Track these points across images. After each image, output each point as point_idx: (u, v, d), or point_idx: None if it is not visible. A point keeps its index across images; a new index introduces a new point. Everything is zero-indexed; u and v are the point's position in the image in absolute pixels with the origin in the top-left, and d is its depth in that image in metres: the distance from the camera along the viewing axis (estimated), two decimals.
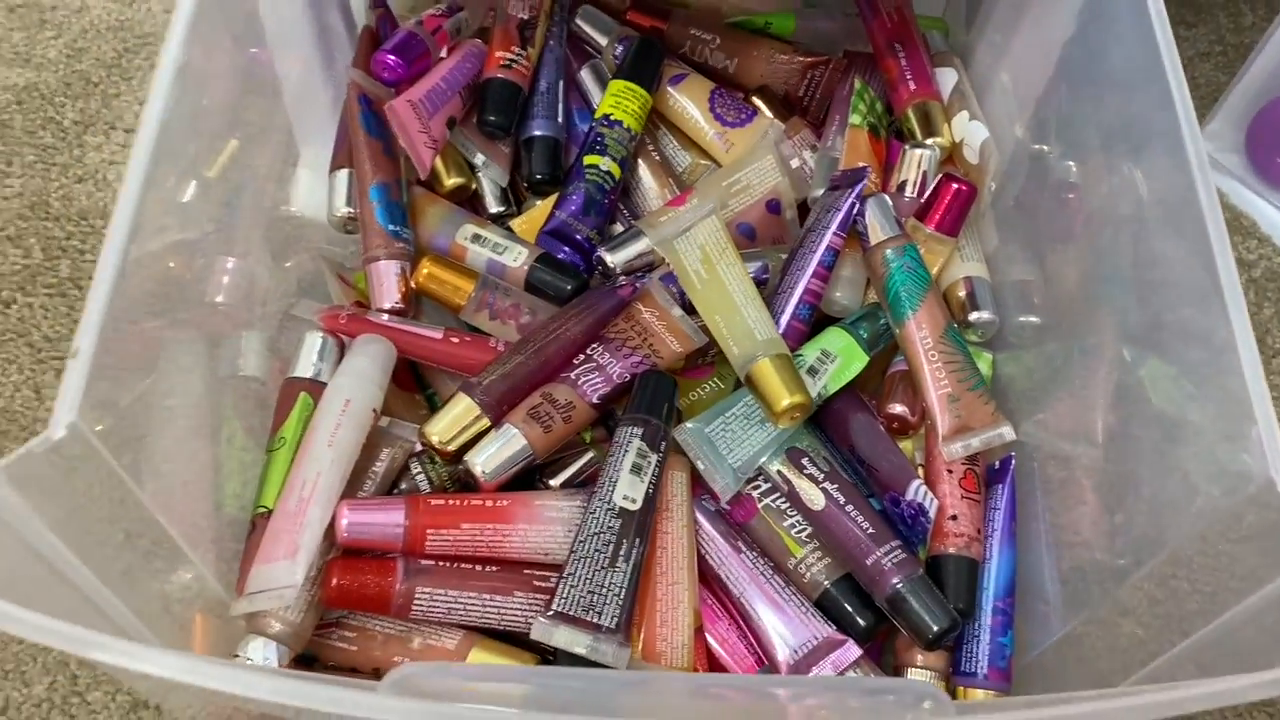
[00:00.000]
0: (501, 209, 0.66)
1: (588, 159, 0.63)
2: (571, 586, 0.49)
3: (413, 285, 0.59)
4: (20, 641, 0.57)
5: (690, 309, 0.58)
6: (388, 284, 0.58)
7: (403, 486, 0.54)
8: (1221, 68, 0.81)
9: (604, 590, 0.49)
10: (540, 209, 0.64)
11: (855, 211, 0.58)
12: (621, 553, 0.50)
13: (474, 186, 0.66)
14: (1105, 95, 0.55)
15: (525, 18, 0.65)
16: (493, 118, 0.63)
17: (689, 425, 0.55)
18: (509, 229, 0.64)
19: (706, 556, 0.55)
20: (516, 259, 0.60)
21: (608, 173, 0.63)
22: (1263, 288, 0.73)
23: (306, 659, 0.52)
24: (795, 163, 0.67)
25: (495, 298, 0.59)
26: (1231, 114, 0.77)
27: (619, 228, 0.65)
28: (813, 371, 0.56)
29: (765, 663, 0.53)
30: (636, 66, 0.65)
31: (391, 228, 0.59)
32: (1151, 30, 0.47)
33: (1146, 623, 0.49)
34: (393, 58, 0.61)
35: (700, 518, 0.56)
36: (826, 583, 0.54)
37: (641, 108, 0.65)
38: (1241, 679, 0.36)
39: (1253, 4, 0.84)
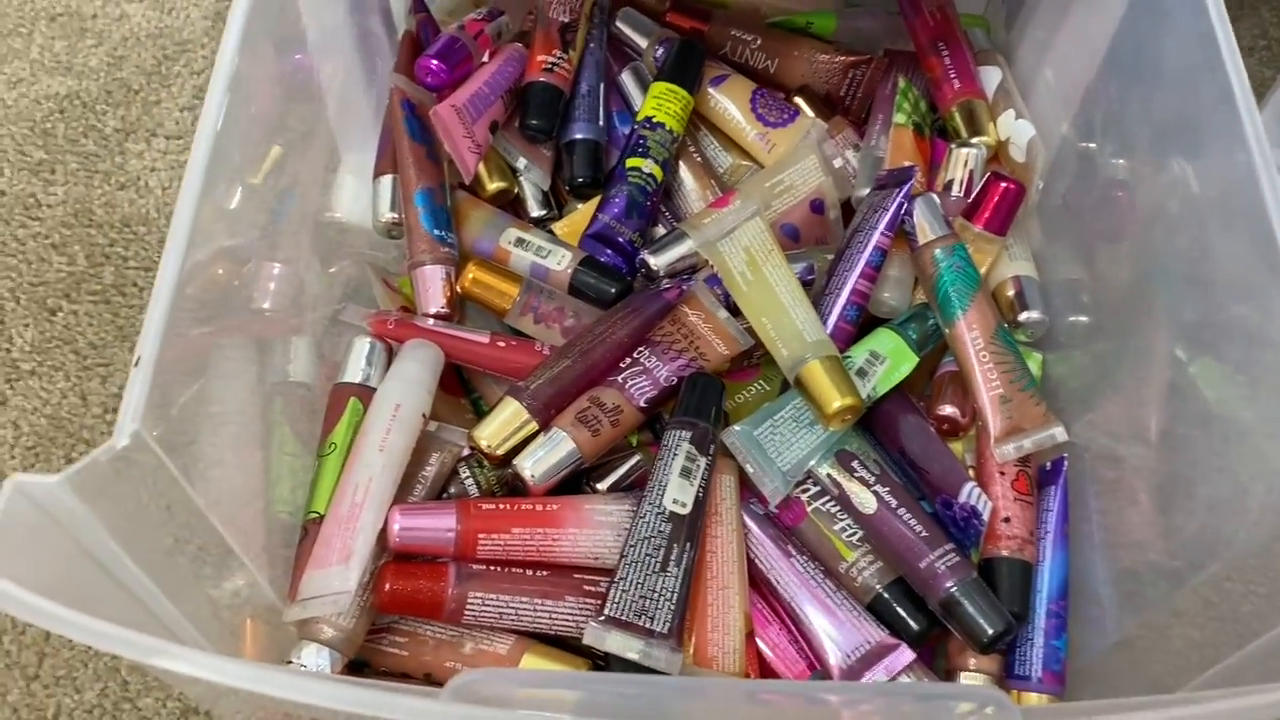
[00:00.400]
0: (543, 213, 0.66)
1: (630, 161, 0.63)
2: (623, 591, 0.48)
3: (458, 290, 0.59)
4: (71, 647, 0.57)
5: (735, 311, 0.58)
6: (433, 289, 0.58)
7: (451, 491, 0.54)
8: (1266, 62, 0.80)
9: (656, 595, 0.48)
10: (582, 212, 0.64)
11: (903, 211, 0.58)
12: (673, 557, 0.49)
13: (516, 190, 0.66)
14: (1157, 90, 0.54)
15: (566, 21, 0.65)
16: (535, 121, 0.63)
17: (737, 428, 0.54)
18: (551, 233, 0.64)
19: (756, 561, 0.55)
20: (560, 262, 0.60)
21: (650, 175, 0.63)
22: None
23: (357, 664, 0.52)
24: (838, 162, 0.67)
25: (540, 301, 0.59)
26: (1278, 109, 0.75)
27: (661, 230, 0.64)
28: (862, 373, 0.56)
29: (817, 667, 0.53)
30: (678, 68, 0.65)
31: (436, 232, 0.59)
32: (1209, 20, 0.47)
33: (1202, 625, 0.49)
34: (436, 63, 0.61)
35: (749, 522, 0.55)
36: (879, 586, 0.53)
37: (683, 109, 0.64)
38: None
39: None
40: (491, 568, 0.50)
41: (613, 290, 0.59)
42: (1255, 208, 0.43)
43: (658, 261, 0.60)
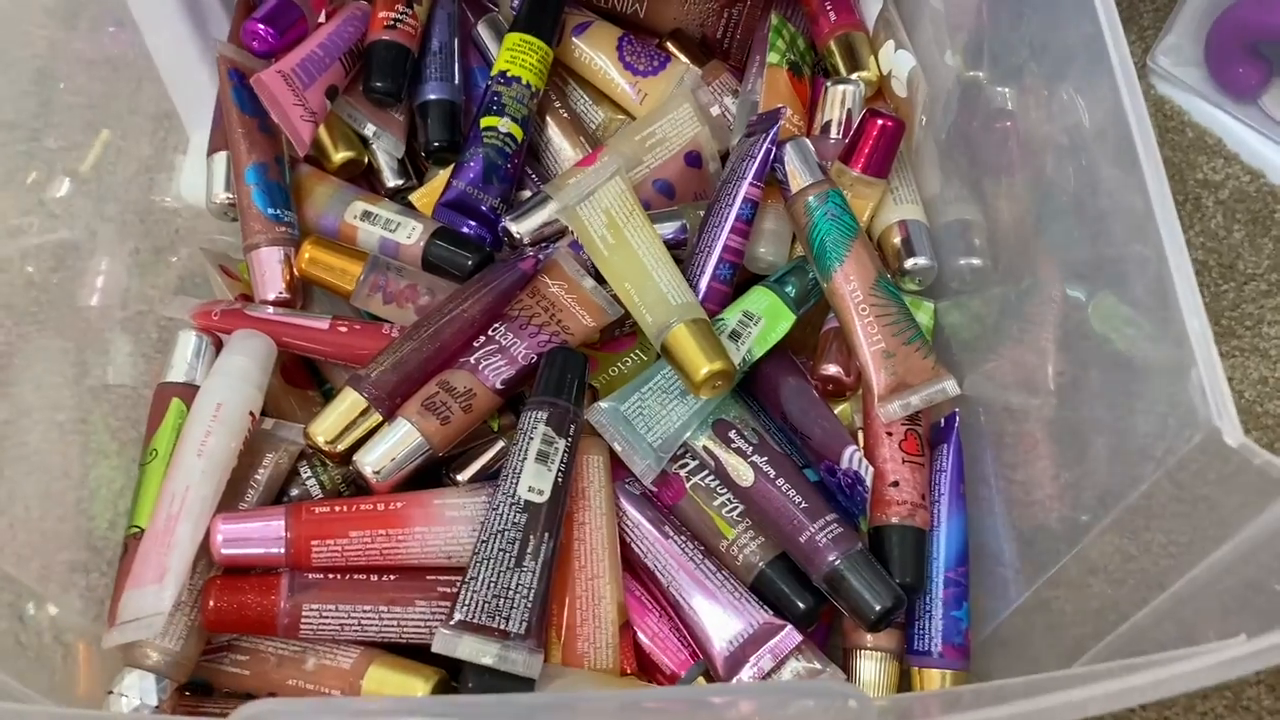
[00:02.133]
0: (400, 182, 0.61)
1: (484, 121, 0.58)
2: (474, 592, 0.44)
3: (297, 272, 0.54)
4: None
5: (603, 279, 0.53)
6: (270, 273, 0.54)
7: (293, 494, 0.50)
8: None
9: (511, 593, 0.44)
10: (441, 179, 0.59)
11: (772, 158, 0.53)
12: (529, 550, 0.45)
13: (367, 160, 0.61)
14: (1037, 11, 0.50)
15: None
16: (379, 83, 0.58)
17: (602, 405, 0.50)
18: (409, 204, 0.60)
19: (632, 544, 0.51)
20: (410, 235, 0.56)
21: (508, 135, 0.58)
22: (1231, 209, 0.68)
23: (201, 686, 0.48)
24: (715, 110, 0.62)
25: (388, 279, 0.54)
26: (1188, 24, 0.71)
27: (528, 194, 0.60)
28: (735, 336, 0.52)
29: (699, 657, 0.49)
30: (533, 16, 0.60)
31: (271, 211, 0.54)
32: None
33: (1119, 579, 0.45)
34: (263, 26, 0.56)
35: (624, 502, 0.51)
36: (761, 564, 0.49)
37: (541, 61, 0.59)
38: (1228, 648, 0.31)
39: None
40: (330, 576, 0.46)
41: (469, 261, 0.55)
42: (1124, 135, 0.39)
43: (520, 228, 0.56)
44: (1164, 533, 0.41)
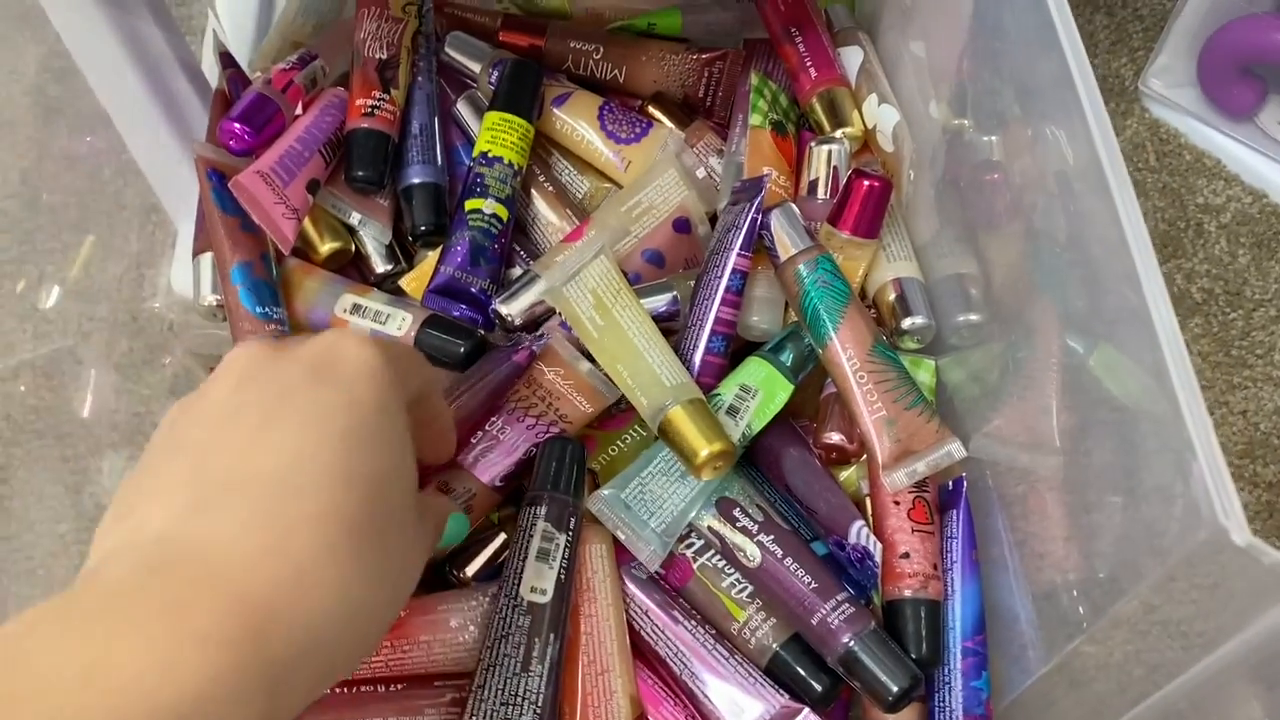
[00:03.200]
0: (389, 267, 0.60)
1: (469, 204, 0.57)
2: (482, 701, 0.44)
3: None
4: None
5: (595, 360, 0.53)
6: None
7: None
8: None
9: (519, 699, 0.44)
10: (430, 261, 0.59)
11: (758, 226, 0.52)
12: (535, 654, 0.45)
13: (354, 248, 0.60)
14: (1015, 58, 0.49)
15: (384, 57, 0.59)
16: (361, 173, 0.58)
17: (603, 493, 0.49)
18: (399, 289, 0.59)
19: (641, 632, 0.50)
20: (401, 326, 0.55)
21: (493, 216, 0.57)
22: (1234, 233, 0.66)
23: None
24: (701, 172, 0.62)
25: None
26: (1179, 45, 0.70)
27: (518, 271, 0.59)
28: (733, 411, 0.51)
29: None
30: (511, 93, 0.60)
31: (260, 310, 0.54)
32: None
33: (1144, 631, 0.44)
34: (239, 125, 0.56)
35: (631, 588, 0.50)
36: (774, 646, 0.48)
37: (522, 139, 0.59)
38: None
39: None
40: (337, 691, 0.45)
41: (461, 349, 0.54)
42: (1100, 185, 0.38)
43: (510, 309, 0.55)
44: (1174, 620, 0.40)
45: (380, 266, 0.60)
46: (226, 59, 0.63)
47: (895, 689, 0.46)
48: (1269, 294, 0.64)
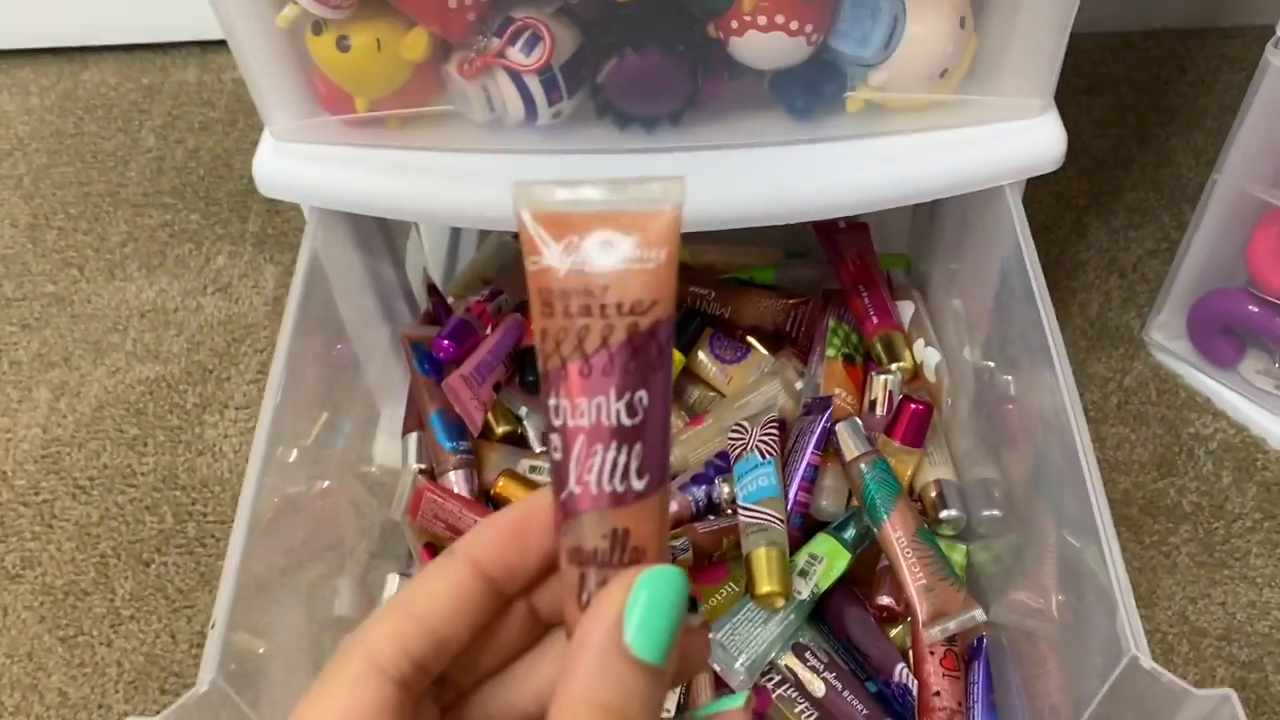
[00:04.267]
0: (544, 448, 0.79)
1: None
2: None
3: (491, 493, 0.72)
4: None
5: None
6: (458, 490, 0.72)
7: None
8: (1168, 263, 0.92)
9: None
10: None
11: (826, 434, 0.70)
12: None
13: (520, 431, 0.79)
14: (1015, 314, 0.67)
15: None
16: (531, 377, 0.77)
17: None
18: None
19: None
20: None
21: None
22: (1219, 458, 0.82)
23: None
24: (799, 385, 0.80)
25: None
26: (1175, 305, 0.87)
27: None
28: (803, 573, 0.67)
29: None
30: (679, 332, 0.79)
31: (450, 444, 0.73)
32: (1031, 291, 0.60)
33: None
34: (446, 342, 0.76)
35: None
36: None
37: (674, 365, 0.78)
38: None
39: (1191, 204, 0.96)
40: None
41: None
42: (1066, 428, 0.55)
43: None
44: None
45: (538, 447, 0.79)
46: (432, 288, 0.84)
47: None
48: (1246, 509, 0.79)
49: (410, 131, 0.65)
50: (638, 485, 0.27)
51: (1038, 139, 0.63)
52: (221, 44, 1.16)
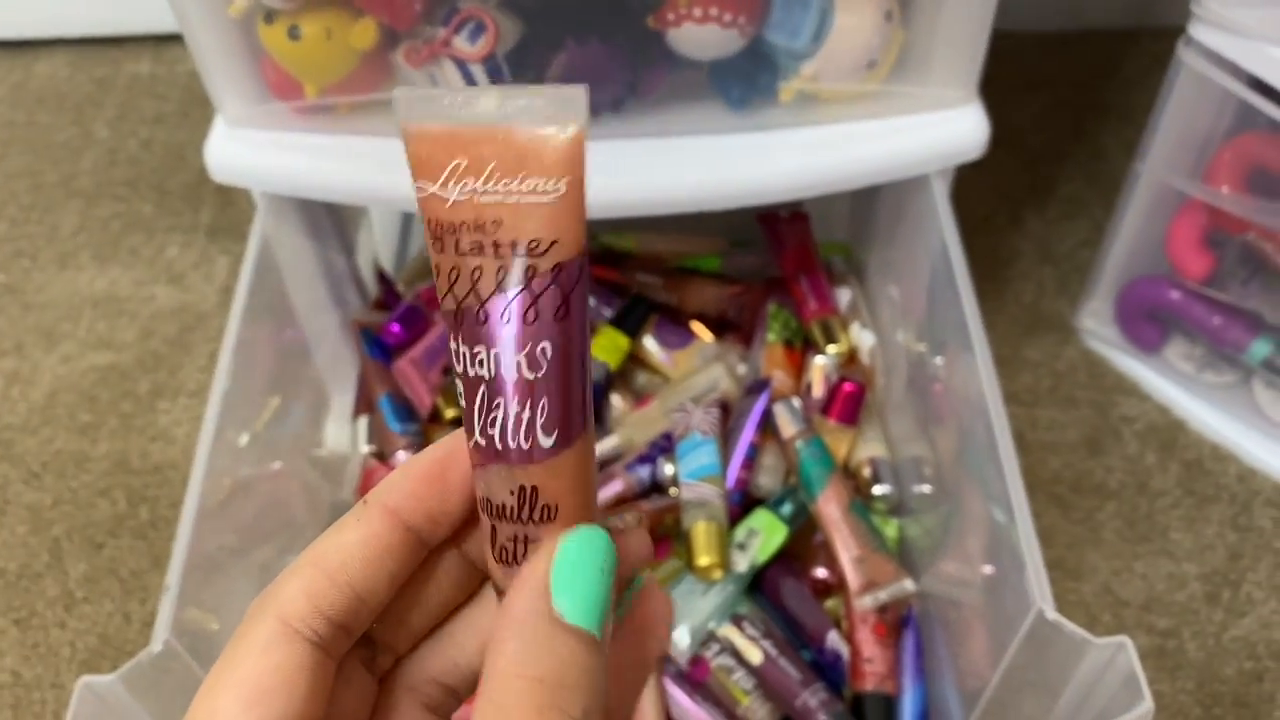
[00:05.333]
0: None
1: None
2: None
3: None
4: None
5: None
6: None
7: None
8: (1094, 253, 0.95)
9: None
10: None
11: (763, 414, 0.73)
12: None
13: None
14: (943, 303, 0.70)
15: None
16: None
17: None
18: None
19: (671, 710, 0.67)
20: None
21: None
22: (1145, 438, 0.85)
23: None
24: (741, 369, 0.82)
25: None
26: (1104, 293, 0.91)
27: None
28: (742, 547, 0.69)
29: None
30: (627, 318, 0.81)
31: (399, 426, 0.75)
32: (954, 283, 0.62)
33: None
34: (396, 327, 0.78)
35: (666, 680, 0.68)
36: None
37: (620, 350, 0.80)
38: None
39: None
40: None
41: None
42: (981, 411, 0.58)
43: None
44: (1028, 674, 0.57)
45: None
46: (382, 275, 0.85)
47: None
48: (1168, 486, 0.82)
49: (359, 118, 0.67)
50: (545, 442, 0.25)
51: (962, 128, 0.66)
52: (174, 37, 1.18)
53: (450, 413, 0.80)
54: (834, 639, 0.66)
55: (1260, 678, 0.73)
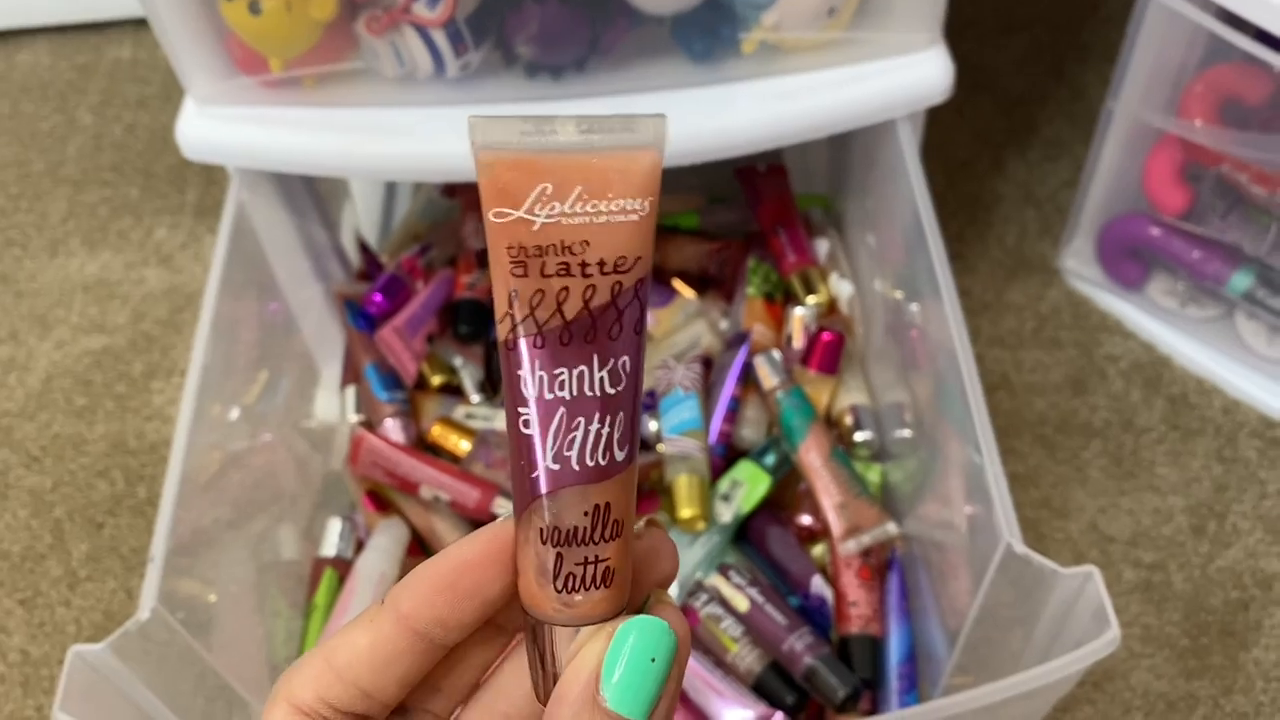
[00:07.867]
0: (480, 397, 0.82)
1: None
2: None
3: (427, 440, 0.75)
4: None
5: None
6: (394, 437, 0.74)
7: None
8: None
9: None
10: None
11: (743, 367, 0.73)
12: None
13: (457, 382, 0.82)
14: (917, 251, 0.70)
15: (481, 247, 0.82)
16: (463, 329, 0.80)
17: None
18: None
19: None
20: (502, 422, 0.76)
21: None
22: (1129, 376, 0.86)
23: None
24: (724, 325, 0.83)
25: (488, 452, 0.74)
26: (1086, 232, 0.91)
27: None
28: (726, 498, 0.70)
29: None
30: None
31: (385, 395, 0.76)
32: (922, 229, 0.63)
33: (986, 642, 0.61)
34: (378, 297, 0.78)
35: None
36: (758, 670, 0.66)
37: None
38: None
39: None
40: None
41: None
42: (952, 355, 0.58)
43: None
44: (1004, 609, 0.58)
45: (474, 397, 0.82)
46: (364, 246, 0.86)
47: (842, 693, 0.63)
48: (1153, 422, 0.83)
49: (326, 90, 0.67)
50: (619, 456, 0.26)
51: (927, 72, 0.66)
52: None
53: (437, 380, 0.81)
54: (819, 584, 0.67)
55: (1246, 606, 0.74)
